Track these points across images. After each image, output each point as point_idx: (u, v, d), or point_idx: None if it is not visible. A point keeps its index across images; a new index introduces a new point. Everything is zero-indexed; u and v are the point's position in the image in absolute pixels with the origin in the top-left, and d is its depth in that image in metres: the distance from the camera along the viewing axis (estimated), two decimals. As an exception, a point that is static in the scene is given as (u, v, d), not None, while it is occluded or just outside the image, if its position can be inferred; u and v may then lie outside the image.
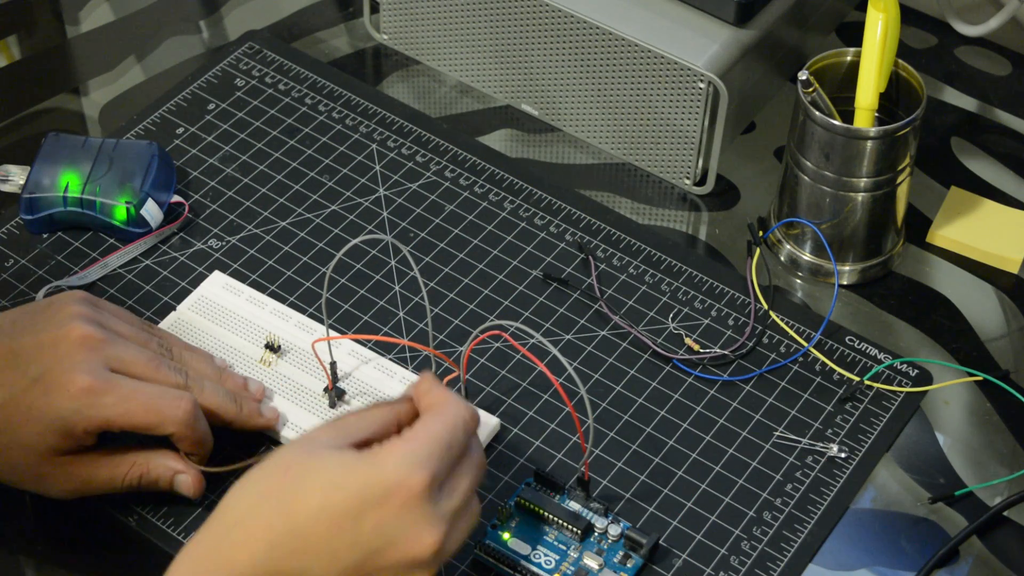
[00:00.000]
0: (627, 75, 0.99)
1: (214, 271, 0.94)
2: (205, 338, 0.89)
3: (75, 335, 0.79)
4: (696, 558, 0.82)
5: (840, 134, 0.90)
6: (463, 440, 0.72)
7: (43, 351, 0.78)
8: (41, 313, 0.81)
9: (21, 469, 0.79)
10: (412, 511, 0.68)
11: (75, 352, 0.78)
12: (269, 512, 0.68)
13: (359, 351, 0.89)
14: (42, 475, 0.79)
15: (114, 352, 0.79)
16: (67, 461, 0.79)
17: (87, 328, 0.79)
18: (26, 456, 0.78)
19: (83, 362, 0.78)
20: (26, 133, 1.05)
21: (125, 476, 0.80)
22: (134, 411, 0.78)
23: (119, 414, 0.78)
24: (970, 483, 0.86)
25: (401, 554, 0.68)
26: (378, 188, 1.00)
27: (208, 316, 0.90)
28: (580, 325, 0.93)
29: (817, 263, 0.96)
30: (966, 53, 1.12)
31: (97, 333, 0.79)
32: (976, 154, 1.05)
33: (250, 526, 0.68)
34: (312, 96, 1.06)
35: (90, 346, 0.79)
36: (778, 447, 0.87)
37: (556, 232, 0.98)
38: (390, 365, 0.88)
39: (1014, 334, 0.94)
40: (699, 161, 1.00)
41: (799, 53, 1.06)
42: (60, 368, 0.77)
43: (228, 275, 0.93)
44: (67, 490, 0.80)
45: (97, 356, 0.78)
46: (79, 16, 1.14)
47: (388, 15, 1.09)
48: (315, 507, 0.68)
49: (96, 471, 0.80)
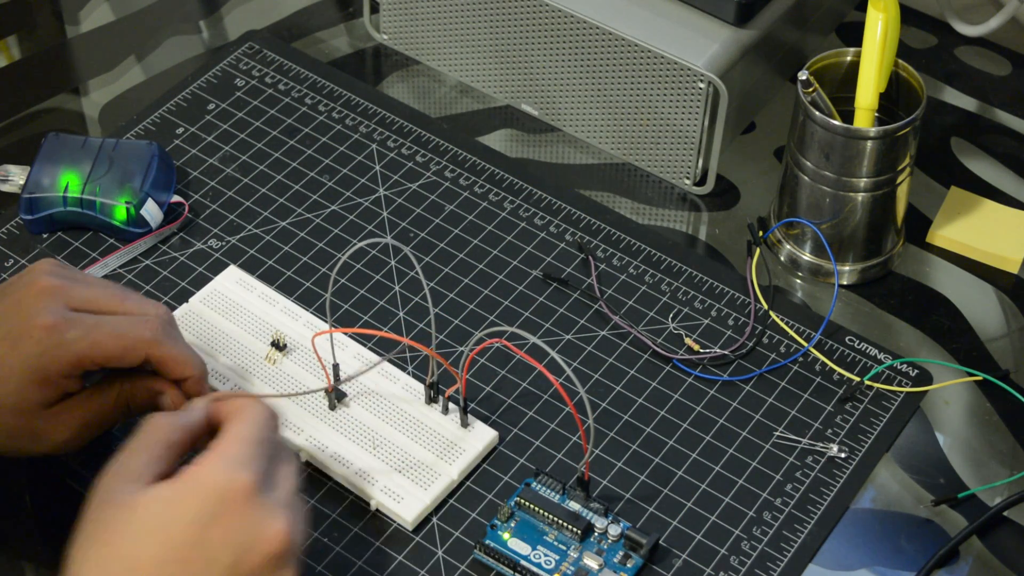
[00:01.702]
0: (627, 75, 0.99)
1: (229, 266, 0.94)
2: (213, 332, 0.89)
3: (36, 287, 0.78)
4: (696, 558, 0.82)
5: (840, 134, 0.90)
6: (272, 436, 0.72)
7: (9, 312, 0.78)
8: (10, 284, 0.80)
9: (16, 432, 0.79)
10: (250, 510, 0.68)
11: (36, 301, 0.78)
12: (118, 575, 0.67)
13: (363, 353, 0.89)
14: (36, 432, 0.79)
15: (76, 293, 0.79)
16: (56, 411, 0.79)
17: (48, 279, 0.79)
18: (15, 417, 0.78)
19: (44, 307, 0.77)
20: (26, 133, 1.05)
21: (114, 406, 0.80)
22: (102, 341, 0.77)
23: (87, 347, 0.77)
24: (970, 483, 0.86)
25: (258, 555, 0.68)
26: (378, 188, 1.00)
27: (218, 310, 0.90)
28: (580, 325, 0.93)
29: (817, 263, 0.96)
30: (966, 53, 1.12)
31: (57, 281, 0.79)
32: (976, 154, 1.05)
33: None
34: (312, 96, 1.06)
35: (50, 292, 0.78)
36: (778, 447, 0.87)
37: (556, 232, 0.98)
38: (392, 370, 0.88)
39: (1014, 334, 0.94)
40: (699, 161, 1.00)
41: (799, 53, 1.06)
42: (22, 317, 0.77)
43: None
44: (65, 440, 0.80)
45: (57, 299, 0.78)
46: (79, 16, 1.14)
47: (388, 15, 1.09)
48: (156, 554, 0.67)
49: (86, 411, 0.80)
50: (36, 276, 0.79)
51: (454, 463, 0.84)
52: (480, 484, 0.85)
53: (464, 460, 0.84)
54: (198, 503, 0.68)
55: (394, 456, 0.84)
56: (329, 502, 0.84)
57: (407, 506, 0.83)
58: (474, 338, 0.86)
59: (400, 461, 0.84)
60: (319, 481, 0.85)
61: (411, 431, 0.85)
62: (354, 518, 0.83)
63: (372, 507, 0.83)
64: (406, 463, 0.84)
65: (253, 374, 0.88)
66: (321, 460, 0.84)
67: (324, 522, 0.83)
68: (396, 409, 0.86)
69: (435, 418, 0.86)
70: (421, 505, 0.83)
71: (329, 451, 0.84)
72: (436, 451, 0.84)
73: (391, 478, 0.83)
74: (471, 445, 0.85)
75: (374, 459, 0.84)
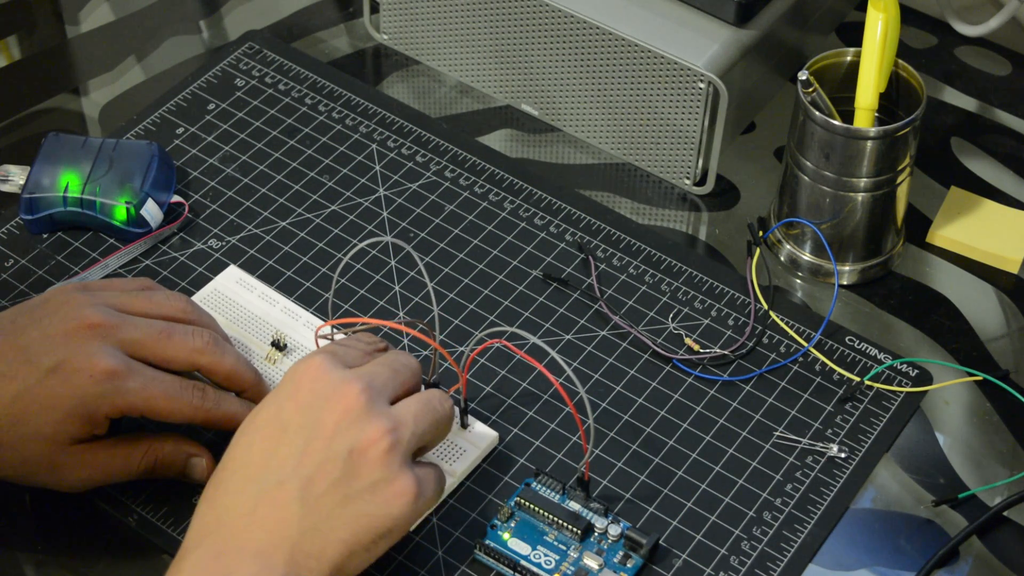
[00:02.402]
0: (627, 75, 0.99)
1: (229, 265, 0.94)
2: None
3: (86, 324, 0.80)
4: (696, 558, 0.82)
5: (840, 134, 0.90)
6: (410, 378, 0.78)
7: (55, 343, 0.79)
8: (40, 308, 0.81)
9: (35, 461, 0.80)
10: (326, 375, 0.75)
11: (90, 340, 0.79)
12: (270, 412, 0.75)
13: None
14: (57, 465, 0.80)
15: (125, 334, 0.80)
16: (82, 450, 0.80)
17: (96, 315, 0.80)
18: (42, 447, 0.79)
19: (101, 348, 0.79)
20: (26, 133, 1.05)
21: (140, 461, 0.81)
22: (155, 398, 0.80)
23: (141, 400, 0.79)
24: (970, 483, 0.86)
25: (337, 414, 0.73)
26: (378, 188, 1.00)
27: (218, 310, 0.90)
28: (580, 325, 0.93)
29: (817, 263, 0.96)
30: (966, 53, 1.12)
31: (106, 319, 0.80)
32: (976, 154, 1.05)
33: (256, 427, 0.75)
34: (312, 96, 1.06)
35: (103, 333, 0.80)
36: (778, 447, 0.87)
37: (556, 232, 0.98)
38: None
39: (1014, 334, 0.94)
40: (699, 161, 1.00)
41: (799, 53, 1.06)
42: (79, 356, 0.79)
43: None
44: (82, 479, 0.81)
45: (111, 341, 0.80)
46: (79, 16, 1.14)
47: (388, 15, 1.09)
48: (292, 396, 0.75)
49: (111, 458, 0.81)
50: (79, 309, 0.81)
51: (454, 463, 0.84)
52: (480, 484, 0.85)
53: (464, 460, 0.84)
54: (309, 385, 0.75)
55: (394, 456, 0.84)
56: (329, 502, 0.84)
57: (407, 506, 0.82)
58: (474, 338, 0.86)
59: (400, 461, 0.84)
60: (319, 481, 0.85)
61: (411, 431, 0.85)
62: (354, 518, 0.83)
63: (372, 507, 0.83)
64: (406, 463, 0.84)
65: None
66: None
67: (324, 522, 0.83)
68: (396, 409, 0.86)
69: (435, 418, 0.86)
70: (421, 505, 0.82)
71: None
72: (436, 452, 0.84)
73: (391, 478, 0.83)
74: (471, 446, 0.85)
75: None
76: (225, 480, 0.74)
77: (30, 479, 0.81)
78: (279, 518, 0.72)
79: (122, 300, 0.83)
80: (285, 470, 0.73)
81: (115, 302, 0.83)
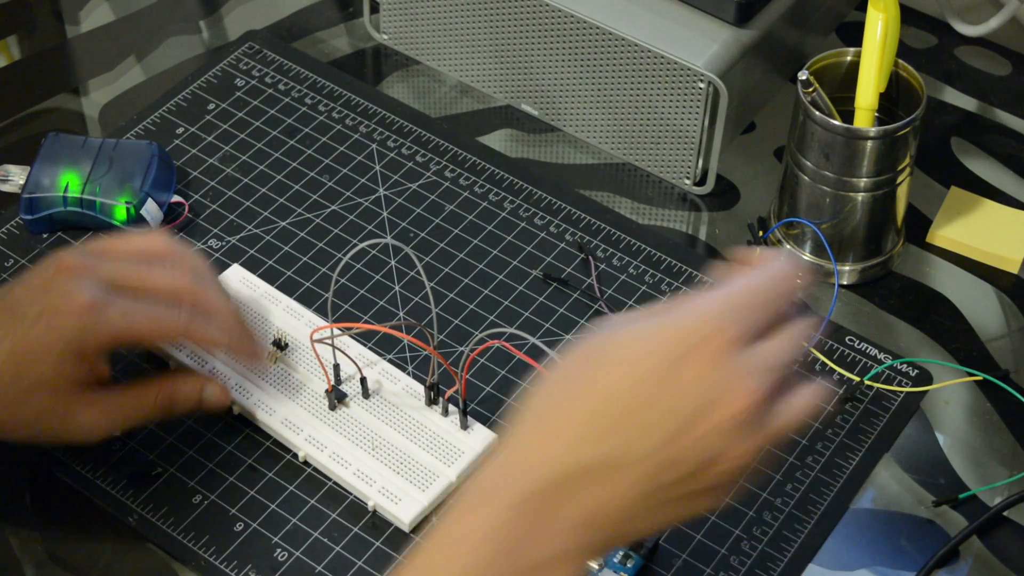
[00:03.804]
0: (627, 75, 0.99)
1: (231, 265, 0.94)
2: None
3: (64, 267, 0.80)
4: (696, 558, 0.82)
5: (840, 134, 0.90)
6: (780, 298, 0.68)
7: (36, 293, 0.80)
8: (30, 272, 0.82)
9: (45, 413, 0.80)
10: (725, 361, 0.64)
11: (69, 280, 0.80)
12: (571, 403, 0.65)
13: (365, 354, 0.89)
14: (69, 414, 0.81)
15: (103, 269, 0.81)
16: (91, 395, 0.81)
17: (71, 257, 0.81)
18: (47, 396, 0.80)
19: (79, 285, 0.79)
20: (26, 133, 1.05)
21: (156, 398, 0.83)
22: (138, 323, 0.80)
23: (124, 327, 0.80)
24: (970, 483, 0.86)
25: (719, 415, 0.63)
26: (378, 188, 1.00)
27: None
28: (580, 325, 0.93)
29: (817, 263, 0.96)
30: (966, 53, 1.12)
31: (83, 259, 0.81)
32: (976, 154, 1.05)
33: (554, 420, 0.65)
34: (312, 96, 1.06)
35: (79, 270, 0.80)
36: (778, 447, 0.87)
37: (556, 232, 0.98)
38: (393, 371, 0.88)
39: (1014, 334, 0.94)
40: (699, 161, 1.00)
41: (799, 53, 1.06)
42: (59, 297, 0.79)
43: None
44: (96, 425, 0.82)
45: (90, 277, 0.80)
46: (79, 16, 1.14)
47: (388, 15, 1.09)
48: (618, 383, 0.64)
49: (124, 399, 0.82)
50: (57, 256, 0.81)
51: (452, 465, 0.84)
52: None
53: (463, 462, 0.84)
54: (673, 343, 0.64)
55: (393, 457, 0.84)
56: (329, 502, 0.84)
57: (404, 507, 0.82)
58: (474, 338, 0.86)
59: (399, 462, 0.84)
60: (319, 481, 0.85)
61: (410, 432, 0.85)
62: (354, 518, 0.83)
63: (370, 508, 0.83)
64: (405, 464, 0.84)
65: (254, 373, 0.88)
66: (320, 460, 0.84)
67: (324, 522, 0.83)
68: (396, 411, 0.86)
69: (435, 420, 0.86)
70: (419, 507, 0.82)
71: (328, 451, 0.84)
72: (435, 453, 0.84)
73: (389, 479, 0.83)
74: (470, 447, 0.85)
75: (373, 460, 0.84)
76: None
77: (45, 435, 0.82)
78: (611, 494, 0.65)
79: (102, 244, 0.84)
80: (641, 449, 0.64)
81: (94, 247, 0.83)
